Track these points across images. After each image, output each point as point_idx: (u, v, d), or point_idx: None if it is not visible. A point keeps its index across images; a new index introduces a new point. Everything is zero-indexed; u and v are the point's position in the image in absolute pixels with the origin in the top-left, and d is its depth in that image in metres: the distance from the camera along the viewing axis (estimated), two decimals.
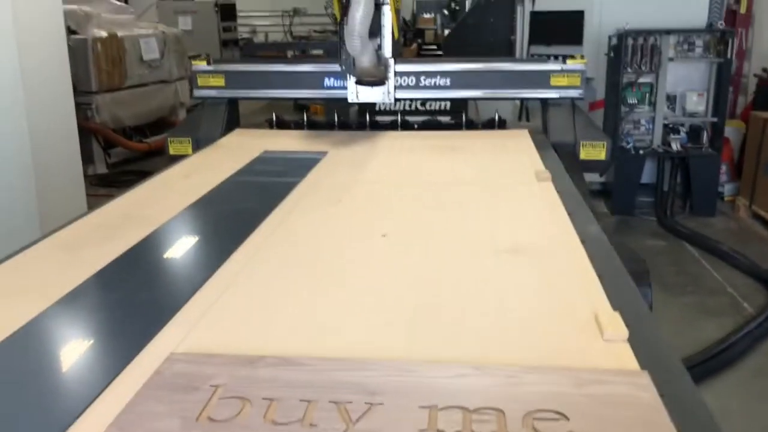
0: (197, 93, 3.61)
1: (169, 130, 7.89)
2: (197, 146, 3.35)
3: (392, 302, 1.48)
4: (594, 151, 3.33)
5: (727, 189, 5.72)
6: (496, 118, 3.60)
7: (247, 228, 1.95)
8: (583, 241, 1.84)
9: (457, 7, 12.68)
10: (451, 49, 6.96)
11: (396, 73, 3.33)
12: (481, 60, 3.51)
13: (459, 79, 3.47)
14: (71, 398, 1.16)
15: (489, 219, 2.07)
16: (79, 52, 6.38)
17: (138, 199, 2.34)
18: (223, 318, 1.42)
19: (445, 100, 3.74)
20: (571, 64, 3.41)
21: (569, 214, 2.07)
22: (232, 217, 2.14)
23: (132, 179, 6.82)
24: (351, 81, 3.29)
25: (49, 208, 3.76)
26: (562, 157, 3.04)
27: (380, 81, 3.27)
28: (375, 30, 3.10)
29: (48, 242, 1.88)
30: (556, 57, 3.56)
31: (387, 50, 3.24)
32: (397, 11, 3.29)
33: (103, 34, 6.71)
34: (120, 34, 6.95)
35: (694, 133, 5.40)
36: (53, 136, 3.96)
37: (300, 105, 10.14)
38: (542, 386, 1.12)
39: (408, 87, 3.48)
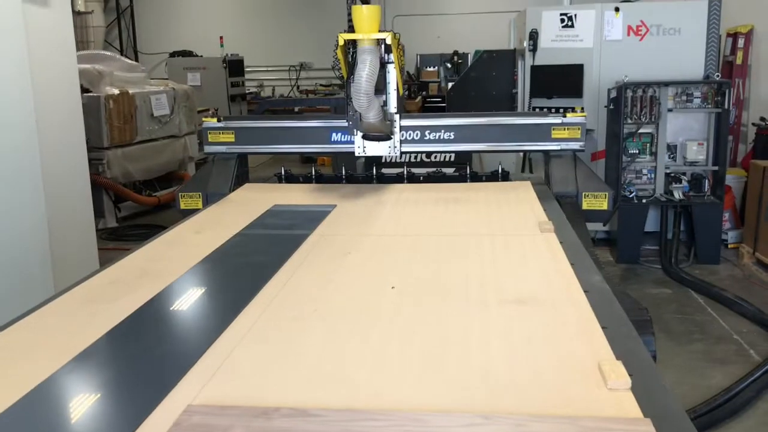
0: (208, 149, 3.70)
1: (177, 184, 8.08)
2: (207, 201, 3.42)
3: (402, 353, 1.53)
4: (596, 201, 3.38)
5: (731, 236, 5.76)
6: (500, 170, 3.67)
7: (259, 281, 2.01)
8: (586, 291, 1.89)
9: (460, 61, 12.98)
10: (454, 102, 7.12)
11: (401, 128, 3.42)
12: (484, 114, 3.61)
13: (462, 133, 3.55)
14: None
15: (494, 270, 2.12)
16: (92, 109, 6.55)
17: (152, 254, 2.40)
18: (238, 370, 1.46)
19: (449, 152, 3.84)
20: (571, 117, 3.50)
21: (572, 264, 2.12)
22: (243, 270, 2.19)
23: (142, 233, 6.94)
24: (358, 136, 3.38)
25: (62, 258, 3.84)
26: (564, 208, 3.11)
27: (386, 136, 3.36)
28: (380, 87, 3.21)
29: (68, 297, 1.94)
30: (557, 109, 3.65)
31: (392, 106, 3.35)
32: (401, 68, 3.40)
33: (115, 91, 6.90)
34: (131, 91, 7.14)
35: (696, 181, 5.47)
36: (67, 190, 4.06)
37: (307, 157, 10.37)
38: None
39: (413, 141, 3.57)
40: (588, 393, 1.33)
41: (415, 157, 3.99)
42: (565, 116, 3.51)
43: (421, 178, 3.72)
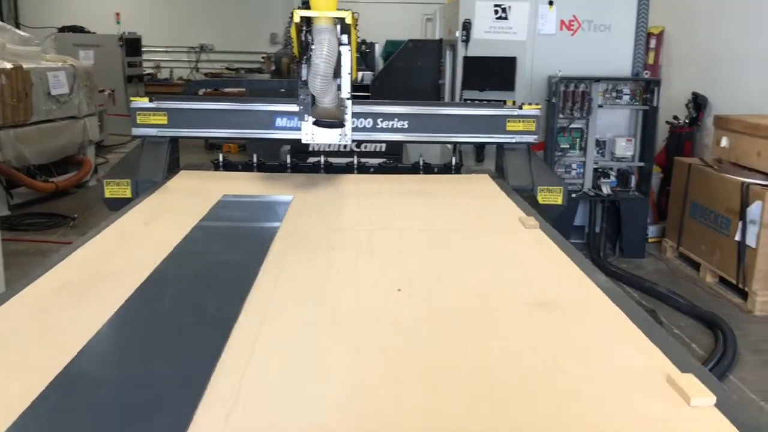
0: (136, 131, 3.36)
1: (75, 169, 7.41)
2: (137, 189, 3.09)
3: (446, 367, 1.34)
4: (551, 195, 3.33)
5: (651, 231, 5.93)
6: (453, 161, 3.56)
7: (243, 282, 1.76)
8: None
9: (368, 51, 12.81)
10: (378, 91, 6.94)
11: (353, 114, 3.22)
12: (440, 104, 3.47)
13: (416, 122, 3.40)
14: None
15: (498, 269, 1.97)
16: None
17: (100, 251, 2.07)
18: (259, 395, 1.23)
19: (402, 142, 3.67)
20: (527, 109, 3.43)
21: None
22: (220, 269, 1.92)
23: (39, 221, 6.32)
24: (308, 122, 3.14)
25: None
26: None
27: (339, 123, 3.14)
28: (336, 70, 2.99)
29: (14, 303, 1.61)
30: (489, 101, 3.58)
31: (345, 91, 3.12)
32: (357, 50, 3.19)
33: (8, 65, 6.22)
34: (26, 66, 6.47)
35: (623, 177, 5.57)
36: None
37: (212, 144, 9.86)
38: None
39: (365, 129, 3.39)
40: (672, 411, 1.20)
41: (345, 147, 3.79)
42: (521, 108, 3.44)
43: (372, 169, 3.53)
